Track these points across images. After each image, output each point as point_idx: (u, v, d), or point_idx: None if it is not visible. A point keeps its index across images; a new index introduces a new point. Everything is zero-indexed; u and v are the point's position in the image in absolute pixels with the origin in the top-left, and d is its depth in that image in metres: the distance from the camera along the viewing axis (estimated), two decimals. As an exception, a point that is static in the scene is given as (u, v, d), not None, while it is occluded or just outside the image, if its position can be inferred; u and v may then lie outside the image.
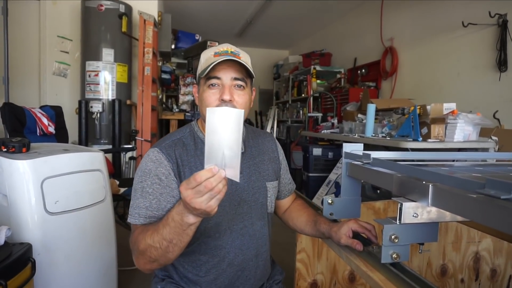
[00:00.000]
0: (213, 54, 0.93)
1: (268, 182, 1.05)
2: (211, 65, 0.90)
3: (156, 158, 0.93)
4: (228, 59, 0.90)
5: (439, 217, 0.73)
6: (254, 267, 1.02)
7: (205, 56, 0.97)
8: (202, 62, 0.97)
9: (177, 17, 5.08)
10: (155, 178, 0.91)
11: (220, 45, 0.96)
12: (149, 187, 0.90)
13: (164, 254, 0.79)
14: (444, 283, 1.60)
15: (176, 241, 0.76)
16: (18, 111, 2.29)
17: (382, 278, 0.77)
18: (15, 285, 1.11)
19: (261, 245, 1.03)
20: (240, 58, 0.92)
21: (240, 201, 1.00)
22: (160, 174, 0.91)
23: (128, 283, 2.07)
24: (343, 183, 1.02)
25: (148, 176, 0.91)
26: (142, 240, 0.81)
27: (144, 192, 0.90)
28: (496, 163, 1.11)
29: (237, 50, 0.96)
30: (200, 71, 0.97)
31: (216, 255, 0.98)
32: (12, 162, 1.35)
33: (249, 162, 1.04)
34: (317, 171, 3.58)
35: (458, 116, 2.17)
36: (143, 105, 3.70)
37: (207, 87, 0.93)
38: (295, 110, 6.04)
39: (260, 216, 1.03)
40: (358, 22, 5.06)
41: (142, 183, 0.91)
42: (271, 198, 1.06)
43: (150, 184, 0.90)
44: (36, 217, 1.37)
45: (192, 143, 0.98)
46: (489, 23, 2.87)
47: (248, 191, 1.01)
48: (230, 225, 0.98)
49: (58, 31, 4.01)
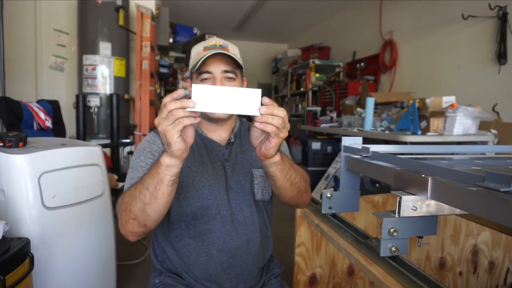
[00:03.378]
0: (203, 49, 0.98)
1: (255, 169, 1.06)
2: (201, 60, 0.94)
3: (151, 138, 1.02)
4: (217, 52, 0.94)
5: (438, 210, 0.73)
6: (246, 254, 1.03)
7: (195, 51, 1.02)
8: (193, 57, 1.01)
9: (175, 11, 5.04)
10: (148, 154, 0.98)
11: (209, 39, 1.01)
12: (142, 162, 0.97)
13: (142, 208, 0.81)
14: (442, 276, 1.60)
15: (152, 189, 0.79)
16: (14, 105, 2.28)
17: (381, 271, 0.77)
18: (14, 280, 1.10)
19: (251, 231, 1.04)
20: (229, 51, 0.96)
21: (227, 188, 1.02)
22: (153, 151, 0.99)
23: (126, 278, 2.07)
24: (342, 177, 1.02)
25: (142, 152, 0.99)
26: (126, 193, 0.86)
27: (137, 166, 0.96)
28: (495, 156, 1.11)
29: (226, 43, 1.00)
30: (191, 66, 1.01)
31: (205, 239, 1.00)
32: (9, 156, 1.34)
33: (237, 150, 1.07)
34: (316, 165, 3.59)
35: (457, 109, 2.16)
36: (141, 100, 3.68)
37: (200, 81, 0.98)
38: (294, 104, 6.03)
39: (248, 203, 1.04)
40: (357, 15, 5.02)
41: (137, 159, 0.98)
42: (260, 185, 1.06)
43: (143, 159, 0.97)
44: (34, 212, 1.36)
45: None
46: (489, 16, 2.85)
47: (233, 178, 1.03)
48: (220, 210, 1.01)
49: (54, 24, 3.97)
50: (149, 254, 2.36)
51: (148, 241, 2.57)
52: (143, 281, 2.05)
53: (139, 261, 2.25)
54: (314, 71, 5.27)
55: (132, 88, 3.96)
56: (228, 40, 1.04)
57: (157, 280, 1.04)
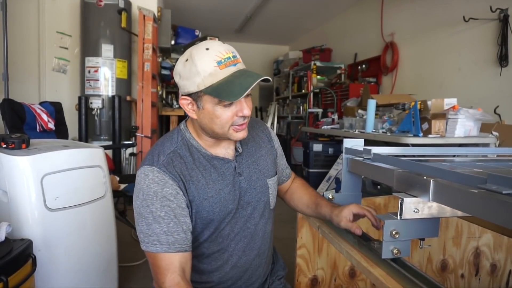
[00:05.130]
0: (217, 65, 0.81)
1: (268, 179, 1.02)
2: (232, 94, 0.79)
3: (159, 179, 0.86)
4: (242, 73, 0.83)
5: (440, 212, 0.73)
6: (256, 266, 1.02)
7: (203, 66, 0.81)
8: (205, 76, 0.81)
9: (177, 13, 5.05)
10: (163, 200, 0.84)
11: (216, 49, 0.82)
12: (160, 211, 0.84)
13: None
14: (444, 278, 1.60)
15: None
16: (17, 107, 2.29)
17: (382, 273, 0.77)
18: (16, 281, 1.11)
19: (263, 243, 1.02)
20: (240, 61, 0.86)
21: (244, 204, 0.96)
22: (168, 195, 0.85)
23: (128, 279, 2.08)
24: (343, 179, 1.02)
25: (155, 198, 0.84)
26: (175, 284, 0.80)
27: (155, 216, 0.83)
28: (497, 158, 1.10)
29: (234, 51, 0.86)
30: (202, 86, 0.82)
31: (219, 259, 0.96)
32: (12, 158, 1.35)
33: (248, 161, 0.99)
34: (317, 167, 3.58)
35: (459, 111, 2.16)
36: (143, 101, 3.69)
37: (221, 106, 0.83)
38: (295, 106, 6.03)
39: (263, 214, 1.01)
40: (359, 17, 5.03)
41: (150, 207, 0.84)
42: (273, 194, 1.04)
43: (160, 207, 0.84)
44: (36, 213, 1.37)
45: (188, 154, 0.91)
46: (490, 18, 2.85)
47: (250, 192, 0.97)
48: (234, 229, 0.95)
49: (57, 27, 3.99)
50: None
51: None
52: (145, 283, 2.05)
53: (141, 263, 2.26)
54: (316, 73, 5.28)
55: (134, 90, 3.97)
56: (229, 42, 0.92)
57: None
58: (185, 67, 0.84)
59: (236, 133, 0.88)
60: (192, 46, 0.88)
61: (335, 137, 3.66)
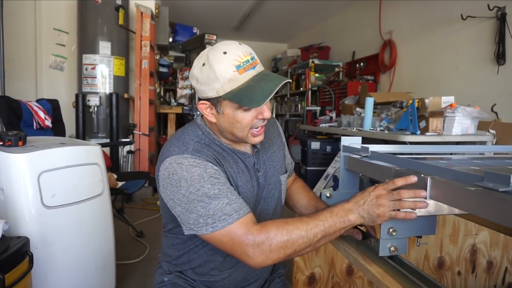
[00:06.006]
0: (236, 70, 0.79)
1: (281, 175, 1.02)
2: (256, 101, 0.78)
3: (197, 163, 0.82)
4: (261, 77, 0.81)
5: (437, 210, 0.73)
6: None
7: (222, 71, 0.79)
8: (224, 82, 0.79)
9: (175, 10, 5.03)
10: (211, 179, 0.81)
11: (234, 53, 0.80)
12: (212, 189, 0.79)
13: (309, 245, 0.78)
14: (441, 275, 1.61)
15: (329, 237, 0.79)
16: (14, 104, 2.28)
17: (379, 271, 0.77)
18: (13, 279, 1.11)
19: None
20: (258, 63, 0.84)
21: (260, 200, 0.96)
22: (213, 174, 0.82)
23: (126, 277, 2.08)
24: (341, 177, 1.02)
25: (202, 180, 0.80)
26: (283, 231, 0.76)
27: (210, 196, 0.79)
28: (494, 156, 1.11)
29: (252, 52, 0.83)
30: (221, 91, 0.80)
31: (230, 257, 0.95)
32: (9, 155, 1.34)
33: (264, 157, 0.99)
34: (315, 165, 3.58)
35: (456, 109, 2.16)
36: (141, 99, 3.69)
37: (241, 111, 0.83)
38: (294, 104, 6.03)
39: (275, 210, 1.01)
40: (357, 15, 5.03)
41: (200, 190, 0.79)
42: (284, 191, 1.04)
43: (210, 186, 0.79)
44: (33, 211, 1.36)
45: (213, 145, 0.90)
46: (488, 16, 2.86)
47: (266, 188, 0.97)
48: None
49: (54, 24, 3.97)
50: (148, 254, 2.37)
51: (148, 241, 2.57)
52: (142, 280, 2.05)
53: (138, 260, 2.26)
54: (314, 71, 5.28)
55: (132, 88, 3.96)
56: (228, 40, 0.88)
57: (166, 278, 1.01)
58: (202, 72, 0.81)
59: (253, 137, 0.89)
60: (208, 48, 0.86)
61: (333, 135, 3.66)
